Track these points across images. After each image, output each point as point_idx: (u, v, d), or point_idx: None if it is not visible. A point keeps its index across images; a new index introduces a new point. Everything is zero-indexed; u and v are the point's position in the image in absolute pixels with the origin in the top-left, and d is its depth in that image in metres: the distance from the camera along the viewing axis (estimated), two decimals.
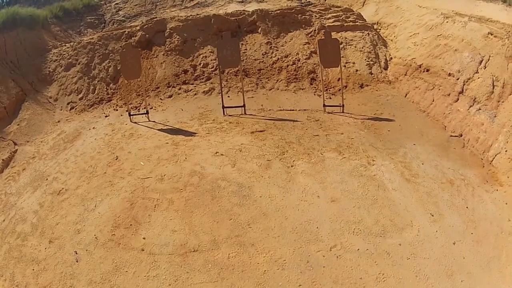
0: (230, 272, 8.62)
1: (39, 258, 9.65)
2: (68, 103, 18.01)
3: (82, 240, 9.88)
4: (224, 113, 15.65)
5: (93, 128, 15.73)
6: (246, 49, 19.39)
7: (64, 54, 19.75)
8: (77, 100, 18.10)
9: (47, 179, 12.67)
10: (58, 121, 17.02)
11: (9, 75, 18.13)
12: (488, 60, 13.43)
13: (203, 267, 8.77)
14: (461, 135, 13.07)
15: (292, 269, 8.59)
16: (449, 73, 14.72)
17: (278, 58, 18.99)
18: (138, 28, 20.42)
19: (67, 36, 23.07)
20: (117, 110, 17.27)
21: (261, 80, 18.27)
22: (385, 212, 9.97)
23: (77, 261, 9.38)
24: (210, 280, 8.53)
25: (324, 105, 15.50)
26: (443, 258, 8.68)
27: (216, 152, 12.64)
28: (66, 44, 20.78)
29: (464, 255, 8.73)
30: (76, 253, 9.57)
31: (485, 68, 13.39)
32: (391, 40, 20.23)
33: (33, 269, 9.41)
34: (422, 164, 11.83)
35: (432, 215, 9.83)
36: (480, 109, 12.76)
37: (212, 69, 18.70)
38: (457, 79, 14.23)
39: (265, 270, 8.61)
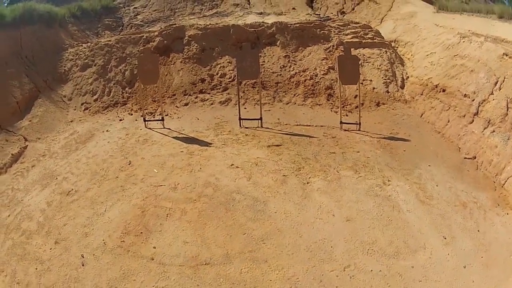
0: (242, 287, 8.35)
1: (44, 258, 9.44)
2: (82, 104, 17.89)
3: (89, 244, 9.66)
4: (240, 125, 15.47)
5: (107, 130, 15.57)
6: (264, 61, 19.22)
7: (81, 54, 19.68)
8: (92, 101, 17.98)
9: (56, 178, 12.49)
10: (71, 121, 16.87)
11: (23, 70, 17.99)
12: (503, 81, 13.23)
13: (214, 281, 8.50)
14: (475, 157, 12.85)
15: (305, 287, 8.31)
16: (465, 94, 14.52)
17: (296, 72, 18.83)
18: (156, 33, 20.31)
19: (84, 36, 22.94)
20: (131, 114, 17.12)
21: (278, 94, 18.11)
22: (399, 233, 9.76)
23: (83, 265, 9.16)
24: None
25: (341, 122, 15.27)
26: (454, 281, 8.47)
27: (232, 164, 12.44)
28: (83, 44, 20.70)
29: (474, 279, 8.52)
30: (83, 256, 9.34)
31: (500, 89, 13.18)
32: (408, 58, 20.08)
33: (36, 268, 9.19)
34: (437, 186, 11.62)
35: (445, 238, 9.63)
36: (494, 131, 12.52)
37: (230, 80, 18.53)
38: (473, 100, 14.03)
39: None
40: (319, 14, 26.26)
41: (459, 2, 22.79)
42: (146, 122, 15.66)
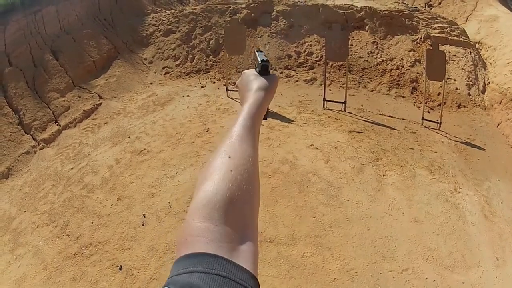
0: (301, 272, 8.45)
1: (102, 213, 9.71)
2: (163, 68, 18.20)
3: (154, 205, 9.85)
4: (324, 106, 15.44)
5: (187, 96, 15.74)
6: (352, 45, 18.91)
7: (164, 20, 20.06)
8: (174, 66, 18.24)
9: (129, 137, 12.72)
10: (151, 83, 17.15)
11: (102, 31, 18.33)
12: None
13: (274, 261, 8.63)
14: None
15: (361, 283, 8.36)
16: None
17: (382, 60, 18.52)
18: (244, 5, 20.31)
19: (168, 3, 23.34)
20: (214, 82, 17.29)
21: (364, 79, 17.93)
22: (460, 245, 9.57)
23: (143, 225, 9.30)
24: (278, 275, 8.37)
25: (422, 118, 14.99)
26: None
27: (311, 145, 12.42)
28: (167, 11, 20.98)
29: None
30: (145, 216, 9.49)
31: None
32: (490, 63, 19.34)
33: (92, 223, 9.46)
34: (502, 203, 11.24)
35: (497, 260, 9.35)
36: None
37: (316, 59, 18.47)
38: None
39: (334, 278, 8.40)
40: (407, 4, 25.83)
41: None
42: (229, 91, 15.74)
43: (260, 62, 1.98)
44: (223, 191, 1.36)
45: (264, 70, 1.97)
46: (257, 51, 2.10)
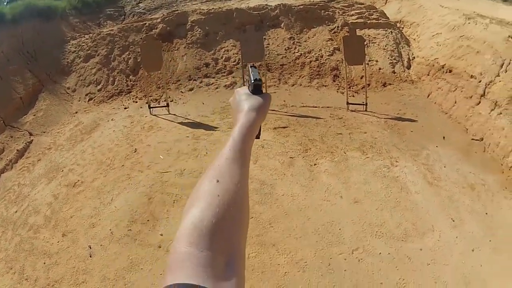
0: (250, 272, 8.26)
1: (51, 252, 9.45)
2: (86, 94, 17.94)
3: (96, 235, 9.64)
4: None
5: (112, 119, 15.56)
6: (268, 44, 18.95)
7: (83, 45, 19.75)
8: (96, 91, 18.00)
9: (62, 170, 12.51)
10: (76, 112, 16.90)
11: (25, 65, 18.11)
12: (509, 63, 13.07)
13: None
14: (482, 139, 12.61)
15: (313, 271, 8.25)
16: (471, 75, 14.29)
17: (301, 54, 18.58)
18: (159, 20, 20.19)
19: (86, 27, 22.90)
20: (136, 102, 17.09)
21: (283, 76, 17.88)
22: (408, 215, 9.63)
23: (90, 256, 9.14)
24: None
25: (347, 103, 15.09)
26: (462, 265, 8.38)
27: None
28: (85, 36, 20.71)
29: (482, 263, 8.41)
30: (90, 247, 9.33)
31: (506, 71, 13.02)
32: (414, 39, 19.85)
33: (44, 263, 9.20)
34: (444, 167, 11.44)
35: (453, 221, 9.47)
36: (501, 113, 12.32)
37: (234, 63, 18.31)
38: (479, 81, 13.81)
39: (285, 272, 8.26)
40: None
41: None
42: (151, 109, 15.60)
43: (252, 81, 1.94)
44: (209, 217, 1.35)
45: (256, 89, 1.95)
46: (251, 67, 2.05)
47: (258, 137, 1.95)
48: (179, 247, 1.29)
